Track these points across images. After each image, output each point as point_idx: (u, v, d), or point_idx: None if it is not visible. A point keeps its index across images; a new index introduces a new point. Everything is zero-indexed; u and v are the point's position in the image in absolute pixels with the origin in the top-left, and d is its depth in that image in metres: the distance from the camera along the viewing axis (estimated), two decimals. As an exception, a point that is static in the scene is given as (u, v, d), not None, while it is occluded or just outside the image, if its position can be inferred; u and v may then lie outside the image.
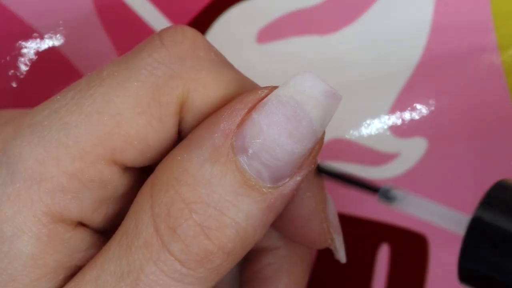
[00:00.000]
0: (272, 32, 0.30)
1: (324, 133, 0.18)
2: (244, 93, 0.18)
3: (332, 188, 0.21)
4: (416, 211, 0.16)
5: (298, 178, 0.18)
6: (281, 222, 0.21)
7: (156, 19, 0.30)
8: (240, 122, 0.17)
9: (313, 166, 0.18)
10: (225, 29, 0.30)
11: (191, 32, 0.19)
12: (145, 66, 0.18)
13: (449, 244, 0.30)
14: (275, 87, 0.18)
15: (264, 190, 0.17)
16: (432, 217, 0.16)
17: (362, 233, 0.30)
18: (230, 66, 0.19)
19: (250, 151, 0.17)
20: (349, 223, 0.30)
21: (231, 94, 0.19)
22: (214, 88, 0.19)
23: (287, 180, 0.18)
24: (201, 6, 0.30)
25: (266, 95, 0.18)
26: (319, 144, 0.18)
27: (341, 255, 0.22)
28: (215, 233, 0.17)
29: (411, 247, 0.30)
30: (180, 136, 0.19)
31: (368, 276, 0.30)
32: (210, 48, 0.19)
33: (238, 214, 0.17)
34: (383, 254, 0.30)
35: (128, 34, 0.30)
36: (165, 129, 0.18)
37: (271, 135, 0.17)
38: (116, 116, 0.18)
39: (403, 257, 0.30)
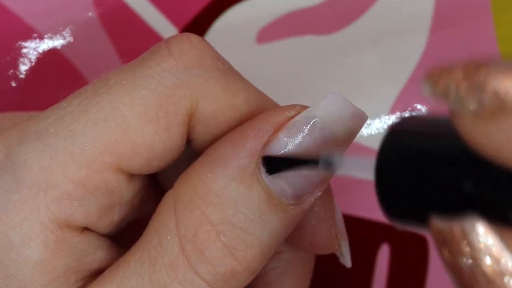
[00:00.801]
0: (272, 32, 0.30)
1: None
2: (269, 112, 0.18)
3: (332, 188, 0.21)
4: (353, 170, 0.17)
5: (319, 193, 0.18)
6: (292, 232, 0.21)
7: (156, 19, 0.30)
8: (266, 142, 0.18)
9: (330, 179, 0.19)
10: (225, 29, 0.30)
11: (198, 41, 0.19)
12: (153, 75, 0.18)
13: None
14: (303, 107, 0.18)
15: (288, 207, 0.18)
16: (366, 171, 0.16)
17: (362, 233, 0.30)
18: (237, 75, 0.19)
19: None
20: (349, 223, 0.30)
21: (240, 102, 0.19)
22: (223, 97, 0.19)
23: (309, 198, 0.18)
24: (201, 6, 0.30)
25: (293, 116, 0.18)
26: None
27: (347, 260, 0.22)
28: (241, 254, 0.17)
29: (411, 248, 0.30)
30: (191, 144, 0.19)
31: (368, 276, 0.30)
32: (217, 57, 0.19)
33: (263, 233, 0.18)
34: (384, 254, 0.30)
35: (128, 34, 0.30)
36: (172, 138, 0.18)
37: (294, 154, 0.17)
38: (122, 124, 0.18)
39: (404, 257, 0.30)
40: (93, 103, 0.18)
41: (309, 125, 0.18)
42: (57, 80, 0.30)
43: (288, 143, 0.18)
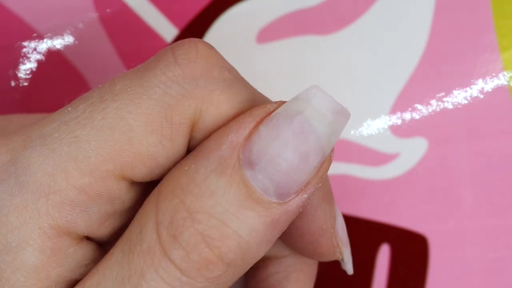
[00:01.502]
0: (272, 32, 0.30)
1: (333, 151, 0.18)
2: (254, 107, 0.18)
3: (332, 188, 0.21)
4: None
5: (305, 196, 0.18)
6: (291, 237, 0.21)
7: (156, 19, 0.30)
8: (248, 135, 0.17)
9: (320, 184, 0.18)
10: (225, 29, 0.30)
11: (205, 49, 0.19)
12: (158, 84, 0.18)
13: (448, 244, 0.30)
14: (284, 102, 0.18)
15: (269, 205, 0.17)
16: None
17: (362, 234, 0.30)
18: (243, 84, 0.19)
19: (257, 164, 0.17)
20: (349, 223, 0.30)
21: (245, 107, 0.19)
22: (227, 109, 0.18)
23: (293, 196, 0.18)
24: (201, 6, 0.30)
25: (275, 109, 0.18)
26: (327, 162, 0.18)
27: (349, 268, 0.22)
28: (216, 243, 0.17)
29: (411, 248, 0.30)
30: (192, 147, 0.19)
31: (368, 276, 0.30)
32: (224, 66, 0.19)
33: (241, 227, 0.17)
34: (384, 255, 0.30)
35: (128, 34, 0.30)
36: (175, 148, 0.18)
37: (277, 149, 0.17)
38: (127, 133, 0.18)
39: (404, 257, 0.30)
40: (99, 109, 0.18)
41: (287, 118, 0.17)
42: (58, 80, 0.30)
43: (268, 136, 0.17)
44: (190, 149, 0.19)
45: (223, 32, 0.30)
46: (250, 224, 0.17)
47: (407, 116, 0.30)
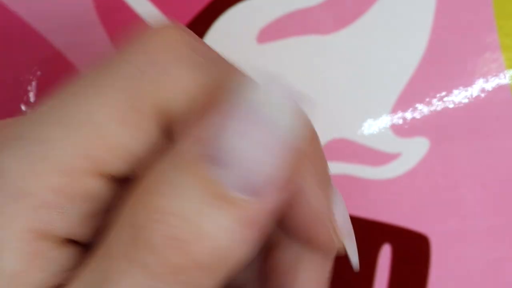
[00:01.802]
0: (272, 32, 0.30)
1: (305, 142, 0.17)
2: (215, 99, 0.17)
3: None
4: None
5: (280, 190, 0.17)
6: (288, 227, 0.20)
7: (157, 19, 0.30)
8: (212, 130, 0.17)
9: (299, 180, 0.18)
10: (225, 29, 0.30)
11: (171, 34, 0.19)
12: (123, 74, 0.18)
13: (450, 244, 0.30)
14: (247, 92, 0.17)
15: (239, 202, 0.17)
16: None
17: (364, 234, 0.30)
18: (215, 66, 0.19)
19: (221, 160, 0.17)
20: (351, 223, 0.30)
21: (215, 95, 0.18)
22: (195, 94, 0.18)
23: (265, 192, 0.17)
24: (201, 6, 0.30)
25: (238, 102, 0.17)
26: (296, 153, 0.17)
27: (354, 261, 0.21)
28: (187, 246, 0.16)
29: (413, 248, 0.30)
30: (173, 141, 0.19)
31: (370, 276, 0.30)
32: (191, 47, 0.19)
33: (214, 227, 0.17)
34: (385, 255, 0.30)
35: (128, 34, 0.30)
36: (147, 137, 0.18)
37: (240, 144, 0.17)
38: (95, 127, 0.17)
39: (405, 257, 0.30)
40: (68, 106, 0.18)
41: (249, 110, 0.17)
42: (57, 80, 0.30)
43: (231, 130, 0.17)
44: (168, 138, 0.19)
45: (223, 32, 0.30)
46: (221, 224, 0.17)
47: (408, 115, 0.30)
